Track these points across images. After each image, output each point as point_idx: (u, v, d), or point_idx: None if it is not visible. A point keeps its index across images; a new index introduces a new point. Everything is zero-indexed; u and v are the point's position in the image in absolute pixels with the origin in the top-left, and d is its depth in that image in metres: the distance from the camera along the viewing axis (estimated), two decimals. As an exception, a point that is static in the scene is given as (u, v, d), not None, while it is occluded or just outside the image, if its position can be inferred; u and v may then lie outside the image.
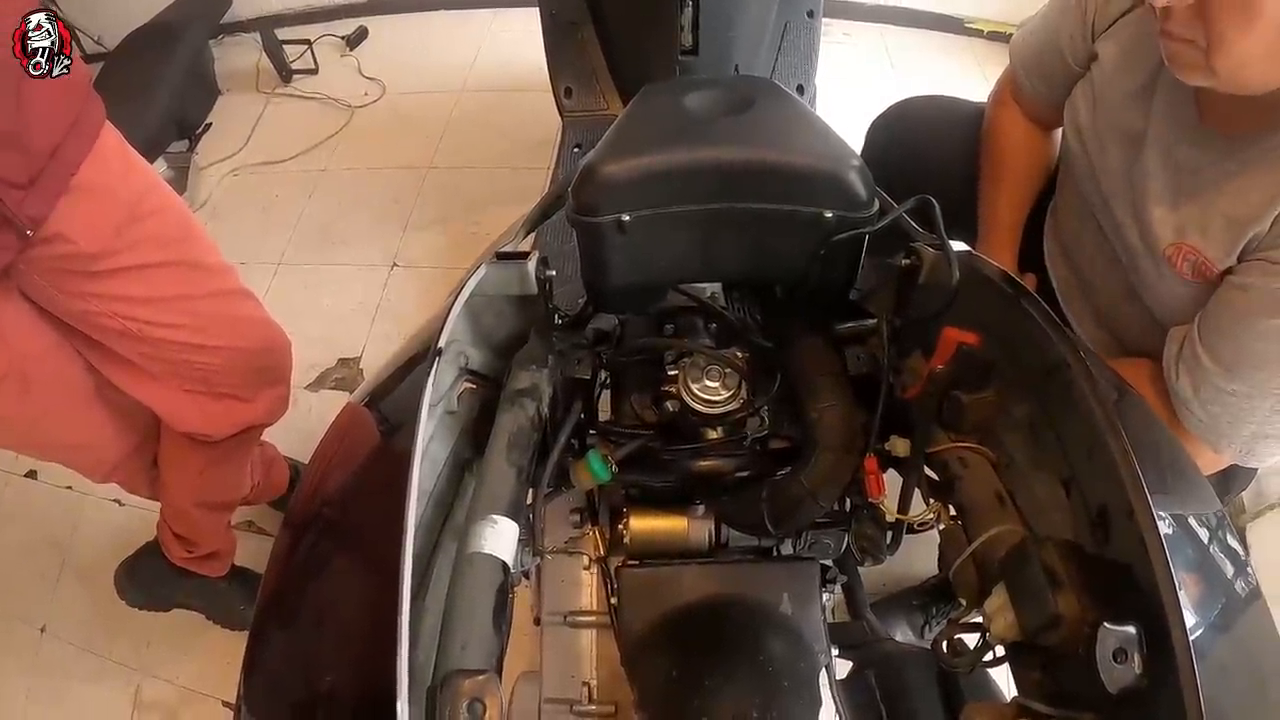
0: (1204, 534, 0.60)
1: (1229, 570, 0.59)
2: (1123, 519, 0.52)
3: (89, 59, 2.88)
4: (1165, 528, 0.50)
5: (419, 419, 0.53)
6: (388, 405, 0.72)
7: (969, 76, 2.69)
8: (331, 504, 0.66)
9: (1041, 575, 0.52)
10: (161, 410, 1.25)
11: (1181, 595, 0.44)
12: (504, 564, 0.59)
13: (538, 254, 0.73)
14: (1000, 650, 0.62)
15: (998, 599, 0.57)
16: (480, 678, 0.47)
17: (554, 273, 0.75)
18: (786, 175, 0.73)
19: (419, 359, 0.67)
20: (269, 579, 0.60)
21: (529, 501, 0.72)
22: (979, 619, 0.61)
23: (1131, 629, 0.47)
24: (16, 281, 1.03)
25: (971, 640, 0.63)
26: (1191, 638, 0.43)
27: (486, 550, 0.58)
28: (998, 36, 2.78)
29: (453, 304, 0.66)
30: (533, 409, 0.73)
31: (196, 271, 1.15)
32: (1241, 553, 0.62)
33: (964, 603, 0.67)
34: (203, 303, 1.16)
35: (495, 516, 0.61)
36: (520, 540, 0.63)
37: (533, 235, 1.02)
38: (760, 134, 0.76)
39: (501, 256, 0.72)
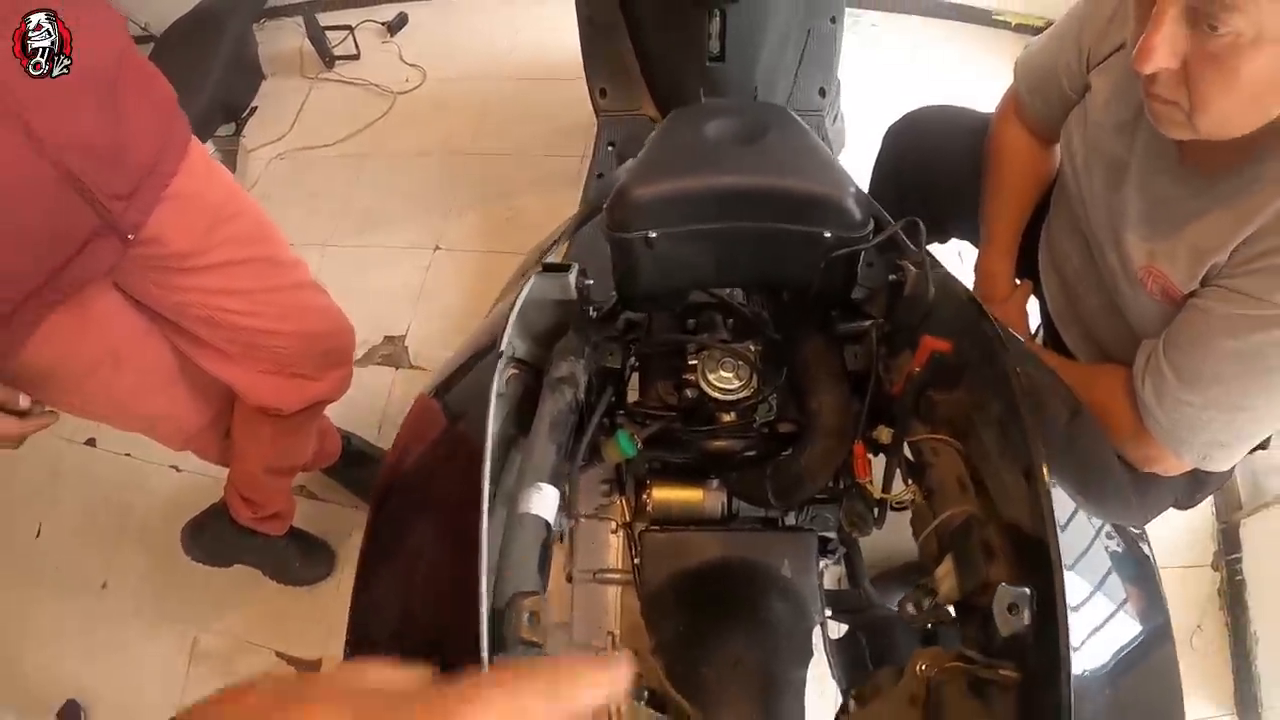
0: (1127, 542, 0.70)
1: (1125, 571, 0.68)
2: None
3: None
4: (1095, 526, 0.61)
5: (489, 403, 0.65)
6: (453, 395, 0.85)
7: (995, 68, 2.66)
8: (409, 477, 0.79)
9: (978, 548, 0.63)
10: (239, 387, 1.38)
11: (1069, 575, 0.55)
12: (547, 523, 0.71)
13: (577, 266, 0.85)
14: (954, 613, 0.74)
15: (945, 566, 0.68)
16: (536, 596, 0.60)
17: (591, 281, 0.87)
18: (792, 200, 0.84)
19: (479, 356, 0.80)
20: (367, 535, 0.73)
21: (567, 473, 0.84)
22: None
23: (1026, 590, 0.58)
24: (114, 277, 1.15)
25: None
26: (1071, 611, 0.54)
27: (534, 511, 0.70)
28: (1025, 29, 2.79)
29: (510, 311, 0.78)
30: (571, 394, 0.84)
31: (273, 267, 1.28)
32: (1149, 558, 0.72)
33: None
34: (278, 294, 1.28)
35: (540, 484, 0.73)
36: (559, 506, 0.76)
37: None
38: (771, 162, 0.87)
39: (547, 268, 0.84)
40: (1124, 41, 1.04)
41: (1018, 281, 1.33)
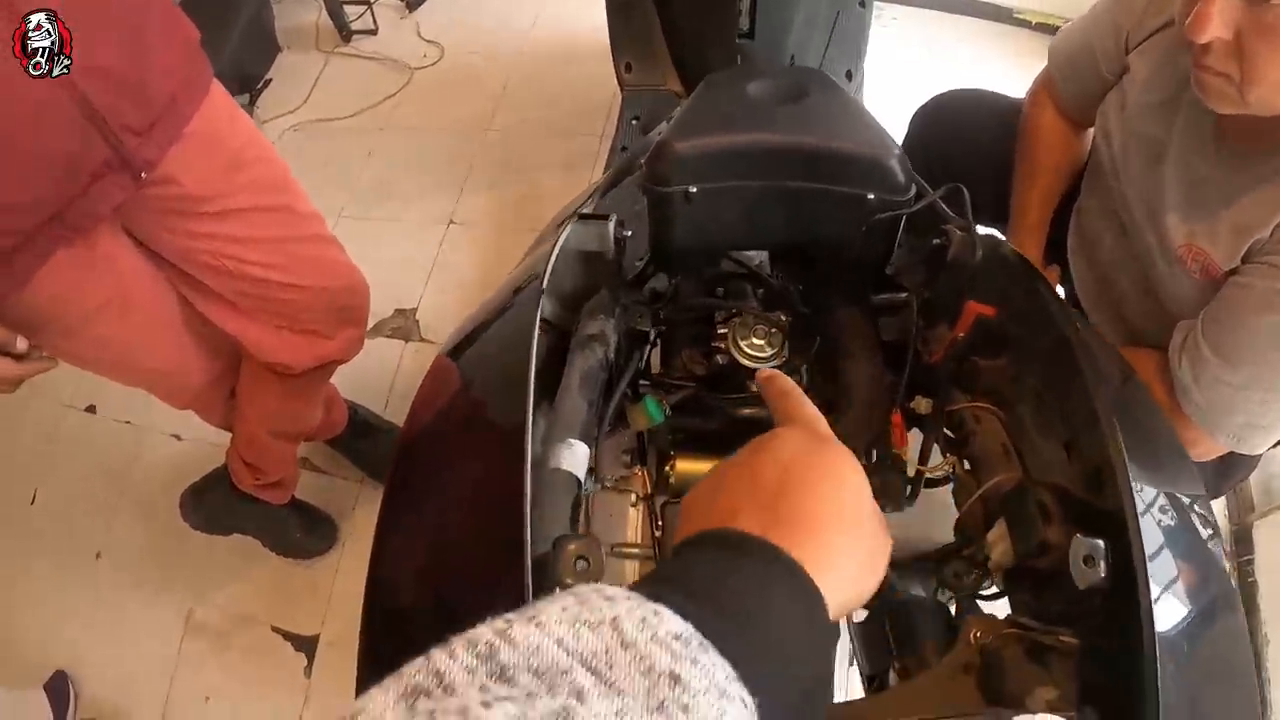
0: (1179, 511, 0.68)
1: (1184, 537, 0.66)
2: (1113, 480, 0.60)
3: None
4: (1149, 497, 0.59)
5: (534, 331, 0.63)
6: (484, 340, 0.83)
7: (1014, 66, 2.68)
8: (438, 427, 0.77)
9: (1035, 509, 0.61)
10: (249, 342, 1.35)
11: (1146, 539, 0.53)
12: (577, 479, 0.70)
13: (615, 216, 0.83)
14: (995, 589, 0.72)
15: (998, 530, 0.66)
16: (584, 540, 0.58)
17: (630, 233, 0.85)
18: (835, 159, 0.82)
19: (493, 318, 0.77)
20: (390, 487, 0.71)
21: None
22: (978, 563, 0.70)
23: (1100, 542, 0.56)
24: (123, 219, 1.13)
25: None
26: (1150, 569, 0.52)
27: (565, 467, 0.69)
28: (1045, 28, 2.78)
29: (551, 251, 0.76)
30: (601, 352, 0.82)
31: (291, 216, 1.25)
32: (1205, 532, 0.70)
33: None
34: (295, 245, 1.26)
35: (571, 440, 0.71)
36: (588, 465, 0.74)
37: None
38: (813, 122, 0.85)
39: (584, 218, 0.82)
40: (1165, 22, 1.04)
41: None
